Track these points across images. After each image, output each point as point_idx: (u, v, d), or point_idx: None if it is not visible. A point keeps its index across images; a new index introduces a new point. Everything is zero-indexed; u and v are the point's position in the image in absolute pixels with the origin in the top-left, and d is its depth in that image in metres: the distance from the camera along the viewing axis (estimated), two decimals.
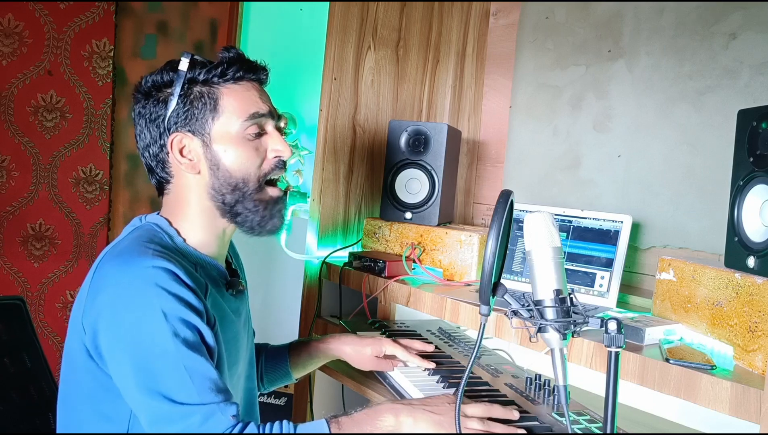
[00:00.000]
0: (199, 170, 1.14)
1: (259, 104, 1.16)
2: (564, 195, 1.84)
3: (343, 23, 1.86)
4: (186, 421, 0.97)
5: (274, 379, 1.45)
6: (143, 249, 1.05)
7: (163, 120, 1.12)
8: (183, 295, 1.02)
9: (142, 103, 1.15)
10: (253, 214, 1.16)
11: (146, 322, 0.99)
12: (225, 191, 1.14)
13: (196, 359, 1.00)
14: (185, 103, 1.12)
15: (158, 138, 1.14)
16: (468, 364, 0.94)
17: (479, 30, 2.13)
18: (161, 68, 1.15)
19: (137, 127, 1.16)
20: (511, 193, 0.92)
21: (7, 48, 2.47)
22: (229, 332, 1.16)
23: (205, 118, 1.12)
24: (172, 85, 1.13)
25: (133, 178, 2.79)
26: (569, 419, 0.91)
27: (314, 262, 1.85)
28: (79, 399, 1.09)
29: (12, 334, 1.48)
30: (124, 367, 1.00)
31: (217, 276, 1.18)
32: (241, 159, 1.13)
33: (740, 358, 1.07)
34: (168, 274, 1.02)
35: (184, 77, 1.12)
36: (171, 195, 1.17)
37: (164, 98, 1.13)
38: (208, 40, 2.88)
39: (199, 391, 0.98)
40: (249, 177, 1.14)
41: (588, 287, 1.46)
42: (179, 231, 1.15)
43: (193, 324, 1.02)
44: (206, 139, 1.13)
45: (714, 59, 1.53)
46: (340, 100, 1.88)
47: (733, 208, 1.15)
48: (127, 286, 1.02)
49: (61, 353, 1.11)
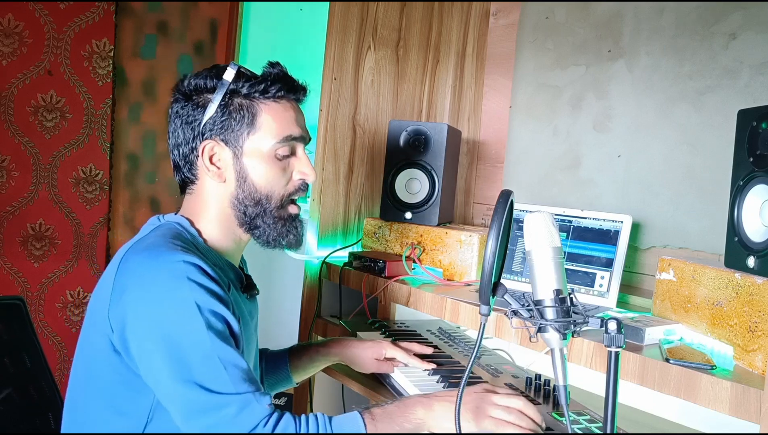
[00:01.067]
0: (225, 179, 1.15)
1: (294, 127, 1.17)
2: (564, 195, 1.84)
3: (343, 23, 1.86)
4: (222, 410, 0.99)
5: (275, 383, 1.45)
6: (171, 244, 1.06)
7: (198, 124, 1.13)
8: (213, 287, 1.03)
9: (181, 104, 1.15)
10: (271, 230, 1.18)
11: (180, 315, 1.00)
12: (248, 203, 1.16)
13: (229, 350, 1.01)
14: (224, 113, 1.13)
15: (191, 140, 1.15)
16: (468, 364, 0.94)
17: (479, 30, 2.13)
18: (206, 72, 1.16)
19: (171, 125, 1.17)
20: (511, 193, 0.92)
21: (7, 48, 2.47)
22: (246, 332, 1.18)
23: (241, 130, 1.13)
24: (213, 91, 1.13)
25: (133, 178, 2.79)
26: (569, 419, 0.91)
27: (314, 262, 1.85)
28: (94, 394, 1.09)
29: (12, 334, 1.48)
30: (157, 360, 1.01)
31: (234, 278, 1.20)
32: (268, 176, 1.15)
33: (740, 358, 1.07)
34: (197, 268, 1.03)
35: (227, 87, 1.13)
36: (193, 196, 1.19)
37: (203, 103, 1.14)
38: (208, 40, 2.88)
39: (234, 381, 1.00)
40: (273, 194, 1.17)
41: (588, 287, 1.46)
42: (201, 232, 1.16)
43: (223, 316, 1.03)
44: (238, 152, 1.14)
45: (714, 59, 1.53)
46: (340, 100, 1.88)
47: (733, 208, 1.15)
48: (158, 280, 1.02)
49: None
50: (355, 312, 1.76)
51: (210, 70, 1.16)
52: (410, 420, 1.09)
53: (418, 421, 1.09)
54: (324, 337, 1.75)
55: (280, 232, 1.19)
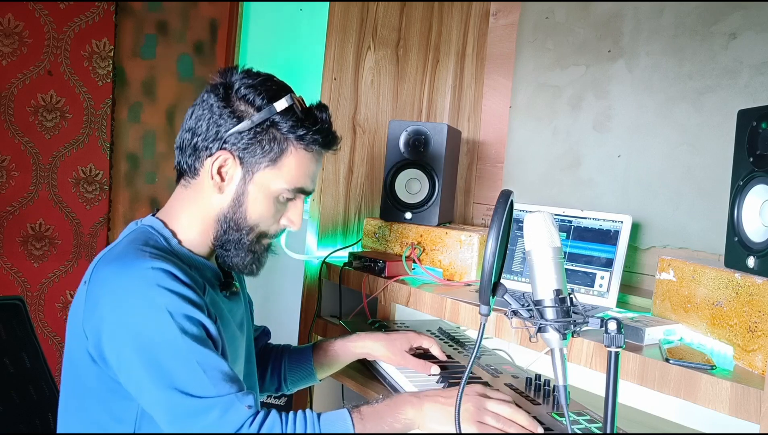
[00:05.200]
0: (223, 192, 1.13)
1: (310, 182, 1.16)
2: (564, 195, 1.84)
3: (343, 23, 1.86)
4: (206, 414, 0.98)
5: (298, 380, 1.44)
6: (139, 252, 1.05)
7: (226, 130, 1.10)
8: (184, 292, 1.02)
9: (220, 102, 1.10)
10: (238, 258, 1.16)
11: (152, 322, 1.00)
12: (232, 226, 1.14)
13: (206, 353, 1.00)
14: (254, 135, 1.10)
15: (210, 139, 1.11)
16: (468, 364, 0.94)
17: (479, 30, 2.13)
18: (260, 87, 1.11)
19: (198, 109, 1.12)
20: (511, 193, 0.92)
21: (7, 48, 2.47)
22: (227, 332, 1.16)
23: (262, 161, 1.11)
24: (259, 111, 1.09)
25: (133, 178, 2.79)
26: (569, 419, 0.91)
27: (314, 262, 1.85)
28: (87, 400, 1.08)
29: (12, 334, 1.48)
30: (136, 370, 1.00)
31: (211, 277, 1.19)
32: (262, 212, 1.14)
33: (740, 358, 1.07)
34: (167, 274, 1.02)
35: (273, 116, 1.09)
36: (187, 190, 1.17)
37: (241, 115, 1.10)
38: (208, 40, 2.88)
39: (214, 384, 0.99)
40: (256, 228, 1.15)
41: (588, 287, 1.46)
42: (175, 232, 1.15)
43: (197, 319, 1.02)
44: (248, 177, 1.12)
45: (714, 59, 1.53)
46: (340, 100, 1.88)
47: (733, 208, 1.15)
48: (128, 288, 1.02)
49: (61, 353, 1.12)
50: (355, 312, 1.76)
51: (265, 88, 1.11)
52: (399, 420, 1.08)
53: (407, 421, 1.09)
54: (324, 337, 1.75)
55: (245, 262, 1.17)
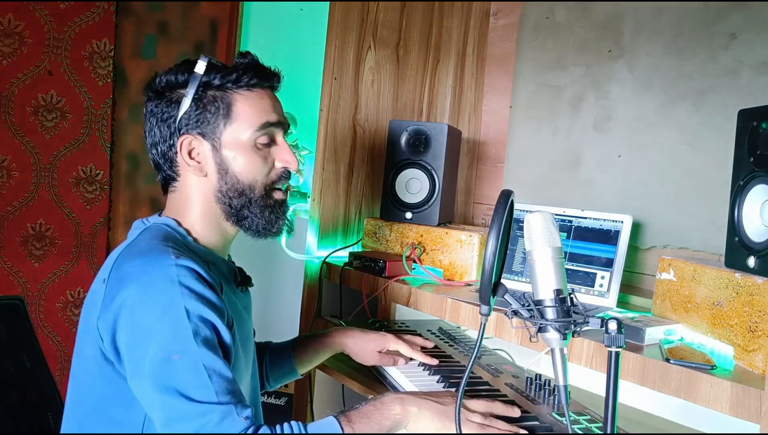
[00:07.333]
0: (207, 173, 1.14)
1: (272, 114, 1.16)
2: (564, 195, 1.84)
3: (343, 23, 1.86)
4: (203, 419, 0.97)
5: (279, 377, 1.45)
6: (163, 247, 1.05)
7: (174, 120, 1.12)
8: (205, 293, 1.02)
9: (155, 102, 1.14)
10: (259, 219, 1.17)
11: (168, 320, 0.99)
12: (232, 195, 1.15)
13: (215, 359, 1.00)
14: (198, 107, 1.12)
15: (168, 137, 1.14)
16: (468, 364, 0.94)
17: (479, 30, 2.13)
18: (176, 68, 1.14)
19: (147, 124, 1.16)
20: (511, 193, 0.92)
21: (7, 48, 2.47)
22: (244, 330, 1.17)
23: (217, 123, 1.13)
24: (186, 85, 1.12)
25: (134, 178, 2.79)
26: (569, 419, 0.91)
27: (314, 262, 1.85)
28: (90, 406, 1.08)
29: (12, 334, 1.48)
30: (142, 365, 1.00)
31: (227, 273, 1.19)
32: (249, 166, 1.14)
33: (740, 358, 1.07)
34: (191, 272, 1.02)
35: (200, 80, 1.12)
36: (176, 193, 1.18)
37: (177, 99, 1.13)
38: (209, 40, 2.88)
39: (217, 391, 0.98)
40: (256, 184, 1.15)
41: (588, 287, 1.46)
42: (189, 231, 1.15)
43: (213, 323, 1.02)
44: (216, 144, 1.13)
45: (714, 59, 1.53)
46: (341, 100, 1.88)
47: (734, 208, 1.15)
48: (149, 284, 1.01)
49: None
50: (355, 312, 1.76)
51: (180, 66, 1.14)
52: (387, 417, 1.08)
53: (396, 417, 1.09)
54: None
55: (269, 219, 1.17)
